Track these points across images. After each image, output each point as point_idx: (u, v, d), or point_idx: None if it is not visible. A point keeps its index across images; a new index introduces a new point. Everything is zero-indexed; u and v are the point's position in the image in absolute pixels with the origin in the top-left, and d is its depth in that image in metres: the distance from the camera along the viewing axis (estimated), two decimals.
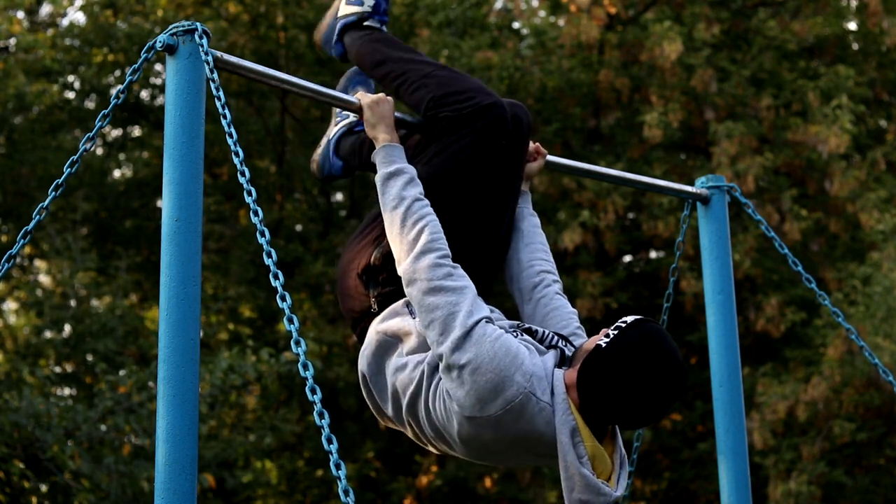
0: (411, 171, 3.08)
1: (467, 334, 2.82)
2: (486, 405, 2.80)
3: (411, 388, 2.96)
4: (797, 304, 13.47)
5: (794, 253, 8.93)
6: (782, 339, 13.66)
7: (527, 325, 3.10)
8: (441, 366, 2.86)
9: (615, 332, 2.87)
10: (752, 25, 14.86)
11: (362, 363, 3.11)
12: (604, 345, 2.84)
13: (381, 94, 3.24)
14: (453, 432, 2.89)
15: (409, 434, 3.08)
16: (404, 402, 2.98)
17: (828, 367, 12.27)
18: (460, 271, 2.96)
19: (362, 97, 3.25)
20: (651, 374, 2.80)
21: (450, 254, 2.96)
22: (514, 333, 2.99)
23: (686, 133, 14.75)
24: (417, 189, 3.04)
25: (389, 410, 3.06)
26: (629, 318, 2.89)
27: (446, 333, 2.84)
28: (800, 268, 4.27)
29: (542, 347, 2.99)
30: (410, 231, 2.96)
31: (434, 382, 2.91)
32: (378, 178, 3.08)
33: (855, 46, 15.62)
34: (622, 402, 2.81)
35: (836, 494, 12.99)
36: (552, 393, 2.84)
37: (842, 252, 14.27)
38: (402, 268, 2.95)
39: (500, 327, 2.95)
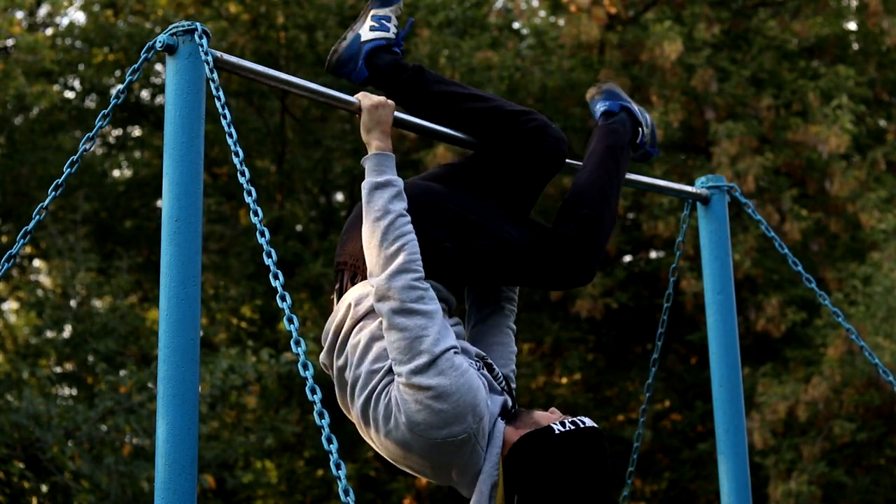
0: (399, 183, 3.08)
1: (433, 361, 2.86)
2: (430, 430, 2.85)
3: (373, 379, 2.97)
4: (797, 304, 13.47)
5: (795, 253, 8.93)
6: (782, 339, 13.65)
7: (489, 360, 3.13)
8: (399, 381, 2.89)
9: (573, 426, 2.93)
10: (752, 25, 14.86)
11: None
12: (558, 431, 2.90)
13: (381, 98, 3.21)
14: (384, 429, 2.94)
15: (339, 402, 3.12)
16: (358, 381, 3.01)
17: (828, 367, 12.27)
18: (431, 293, 2.97)
19: (363, 98, 3.23)
20: (585, 480, 2.86)
21: (424, 276, 2.98)
22: (477, 365, 3.03)
23: (686, 133, 14.75)
24: (403, 204, 3.04)
25: (346, 375, 3.07)
26: (587, 421, 2.95)
27: (411, 355, 2.87)
28: (800, 268, 4.27)
29: (496, 387, 3.05)
30: (390, 246, 2.96)
31: (388, 381, 2.94)
32: (365, 186, 3.07)
33: (855, 46, 15.62)
34: (547, 488, 2.87)
35: (837, 494, 12.99)
36: (489, 438, 2.91)
37: (842, 252, 14.27)
38: (375, 280, 2.96)
39: (466, 354, 3.01)
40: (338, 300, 3.17)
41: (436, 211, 3.20)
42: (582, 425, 2.93)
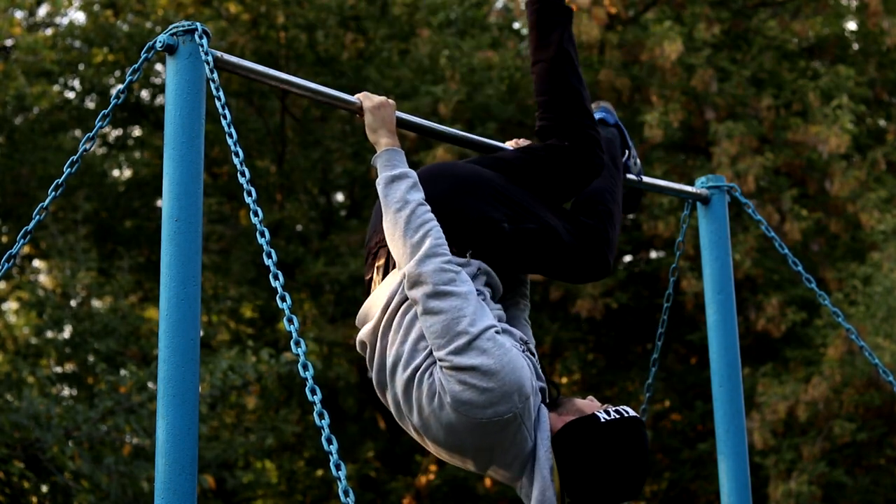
0: (414, 175, 3.09)
1: (472, 341, 2.85)
2: (475, 409, 2.84)
3: (416, 357, 2.95)
4: (797, 304, 13.47)
5: (795, 253, 8.93)
6: (782, 339, 13.65)
7: (531, 346, 3.14)
8: (441, 364, 2.88)
9: (617, 415, 2.96)
10: (752, 25, 14.86)
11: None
12: (603, 420, 2.93)
13: (382, 98, 3.23)
14: (427, 409, 2.91)
15: (375, 384, 3.07)
16: (400, 359, 2.98)
17: (828, 367, 12.27)
18: (464, 276, 2.98)
19: (364, 99, 3.23)
20: (629, 467, 2.92)
21: (452, 258, 2.98)
22: (522, 348, 3.03)
23: (686, 133, 14.74)
24: (420, 194, 3.05)
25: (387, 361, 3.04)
26: (630, 411, 3.00)
27: (449, 338, 2.86)
28: (800, 268, 4.27)
29: (539, 373, 3.05)
30: (415, 234, 2.96)
31: (433, 360, 2.93)
32: (380, 181, 3.07)
33: (855, 46, 15.62)
34: (592, 474, 2.89)
35: (837, 494, 12.99)
36: (536, 422, 2.92)
37: (842, 252, 14.27)
38: (406, 269, 2.95)
39: (509, 335, 3.00)
40: (382, 278, 3.14)
41: (490, 192, 3.22)
42: (626, 414, 2.96)
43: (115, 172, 15.95)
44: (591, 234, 3.40)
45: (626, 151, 3.84)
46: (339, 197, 16.52)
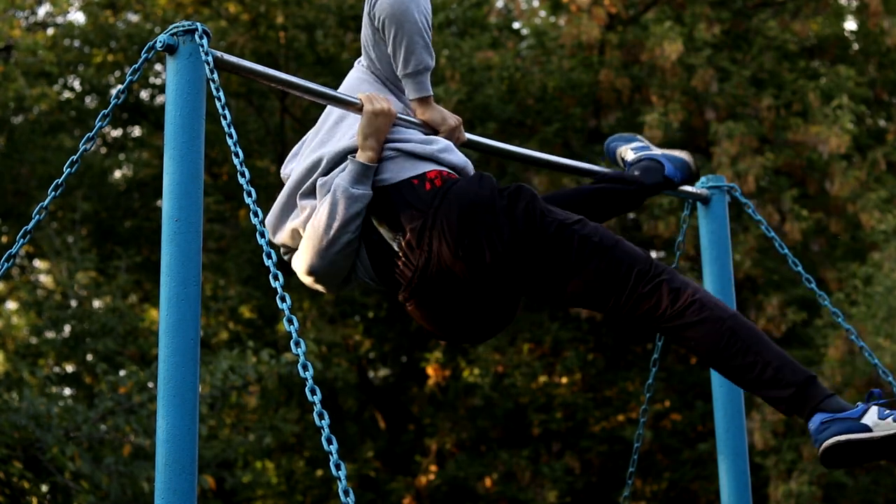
0: (367, 200, 3.15)
1: None
2: None
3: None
4: (798, 304, 13.47)
5: (795, 253, 8.93)
6: (783, 339, 13.65)
7: None
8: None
9: None
10: (752, 25, 14.85)
11: None
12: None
13: (384, 106, 3.21)
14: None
15: None
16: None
17: (829, 367, 12.26)
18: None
19: (365, 101, 3.22)
20: None
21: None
22: None
23: (686, 133, 14.74)
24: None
25: None
26: None
27: None
28: (800, 268, 4.27)
29: None
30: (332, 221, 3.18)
31: None
32: (340, 186, 3.14)
33: (855, 46, 15.62)
34: None
35: (837, 495, 12.99)
36: None
37: (842, 252, 14.27)
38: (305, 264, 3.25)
39: None
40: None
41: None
42: None
43: (116, 173, 15.94)
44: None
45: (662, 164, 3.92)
46: None
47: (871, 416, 2.90)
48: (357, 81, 3.38)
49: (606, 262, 3.03)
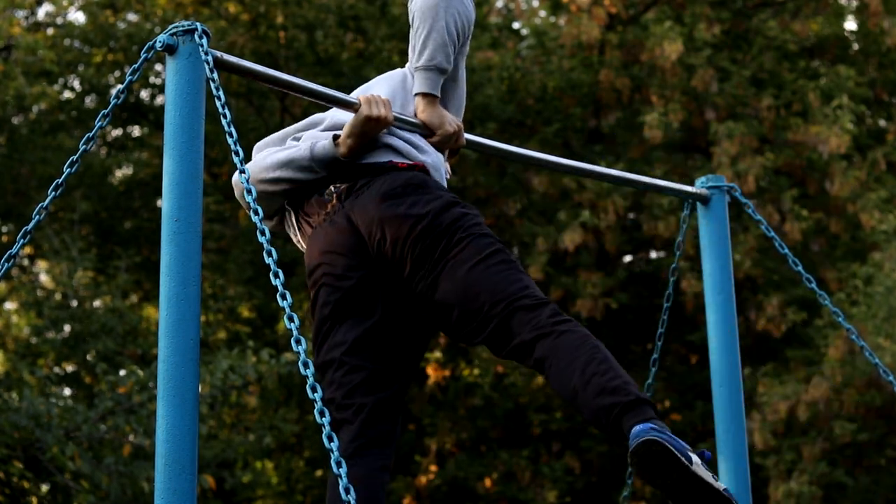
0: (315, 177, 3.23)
1: None
2: None
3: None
4: (798, 304, 13.47)
5: (795, 253, 8.93)
6: (783, 339, 13.66)
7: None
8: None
9: None
10: (752, 25, 14.86)
11: None
12: None
13: (383, 112, 3.20)
14: None
15: None
16: None
17: (829, 367, 12.27)
18: None
19: (364, 103, 3.20)
20: None
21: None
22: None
23: (686, 133, 14.75)
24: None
25: None
26: None
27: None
28: (800, 268, 4.27)
29: None
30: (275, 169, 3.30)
31: None
32: (306, 150, 3.23)
33: (855, 46, 15.62)
34: None
35: (837, 495, 12.99)
36: None
37: (842, 252, 14.27)
38: None
39: None
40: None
41: None
42: None
43: (116, 173, 15.95)
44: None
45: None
46: None
47: (698, 459, 2.79)
48: (392, 75, 3.49)
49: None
